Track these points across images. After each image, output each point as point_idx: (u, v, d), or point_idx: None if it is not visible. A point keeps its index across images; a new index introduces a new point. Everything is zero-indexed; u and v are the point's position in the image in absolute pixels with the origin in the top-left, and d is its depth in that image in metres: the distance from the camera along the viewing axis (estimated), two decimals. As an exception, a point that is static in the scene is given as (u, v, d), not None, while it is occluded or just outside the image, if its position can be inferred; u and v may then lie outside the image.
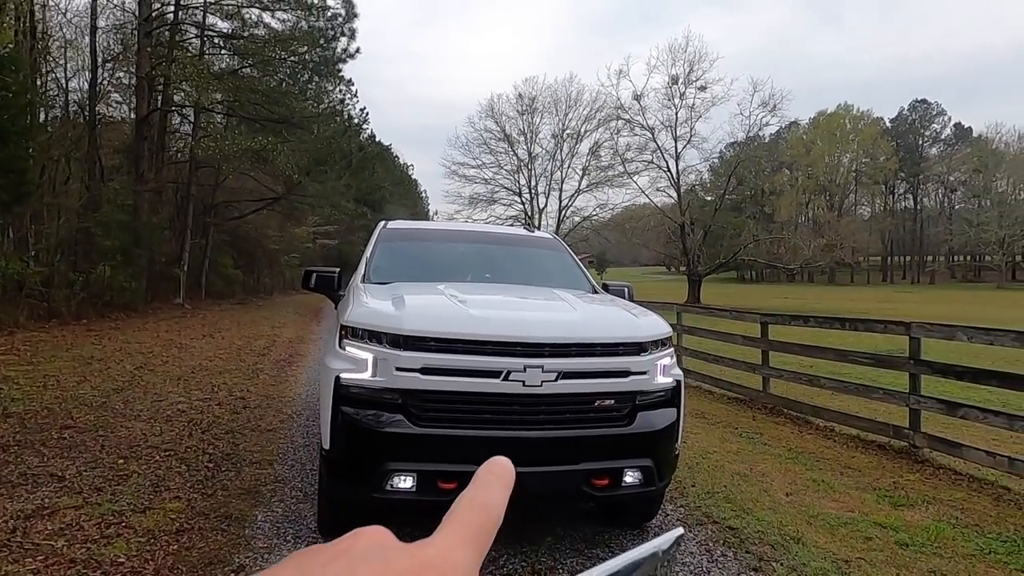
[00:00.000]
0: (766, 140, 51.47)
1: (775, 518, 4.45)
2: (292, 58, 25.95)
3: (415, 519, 3.73)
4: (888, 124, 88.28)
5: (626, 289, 5.14)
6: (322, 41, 26.72)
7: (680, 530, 0.49)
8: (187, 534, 3.82)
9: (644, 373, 3.56)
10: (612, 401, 3.50)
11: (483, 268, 5.03)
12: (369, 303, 3.77)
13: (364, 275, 4.57)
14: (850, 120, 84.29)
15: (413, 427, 3.24)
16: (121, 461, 5.16)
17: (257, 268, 35.97)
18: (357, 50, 27.94)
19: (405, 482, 3.24)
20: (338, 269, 4.75)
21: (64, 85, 24.33)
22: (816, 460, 6.10)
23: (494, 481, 0.42)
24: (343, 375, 3.35)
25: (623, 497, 3.65)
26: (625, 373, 3.50)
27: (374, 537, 0.37)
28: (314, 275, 4.72)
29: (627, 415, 3.54)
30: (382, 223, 5.47)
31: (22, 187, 14.70)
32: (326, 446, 3.38)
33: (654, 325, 3.84)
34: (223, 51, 26.57)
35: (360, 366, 3.33)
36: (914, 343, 6.33)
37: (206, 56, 25.64)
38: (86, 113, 22.94)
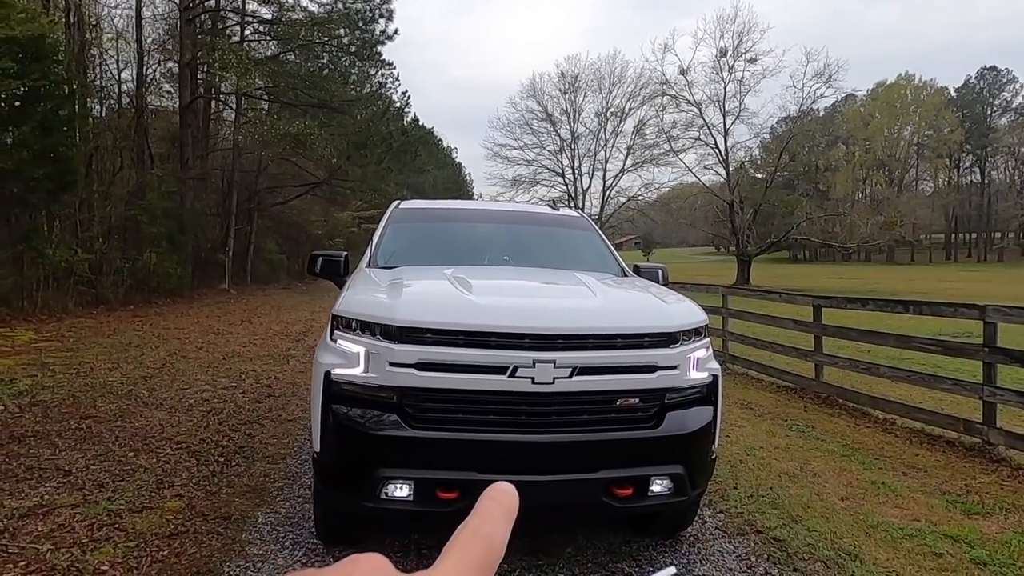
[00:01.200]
0: (820, 114, 49.34)
1: (828, 528, 3.95)
2: (331, 41, 25.86)
3: (419, 527, 3.36)
4: (953, 94, 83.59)
5: (660, 271, 4.65)
6: (360, 23, 26.54)
7: (673, 569, 0.49)
8: (180, 538, 3.57)
9: (674, 368, 3.11)
10: (637, 400, 3.07)
11: (501, 250, 4.63)
12: (363, 290, 3.42)
13: (370, 259, 4.23)
14: (911, 91, 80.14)
15: (409, 430, 2.88)
16: (131, 454, 4.99)
17: (302, 253, 36.36)
18: (395, 32, 27.68)
19: (401, 491, 2.89)
20: (345, 252, 4.41)
21: (117, 76, 24.87)
22: (875, 458, 5.53)
23: (497, 511, 0.41)
24: (333, 371, 3.01)
25: (650, 509, 3.22)
26: (652, 368, 3.06)
27: (372, 565, 0.37)
28: (320, 259, 4.39)
29: (654, 416, 3.10)
30: (395, 203, 5.12)
31: (67, 176, 14.94)
32: (316, 449, 3.06)
33: (686, 312, 3.37)
34: (264, 37, 26.66)
35: (351, 361, 2.98)
36: (990, 328, 5.66)
37: (247, 43, 25.78)
38: (134, 102, 23.35)
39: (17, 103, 13.40)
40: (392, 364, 2.88)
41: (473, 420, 2.92)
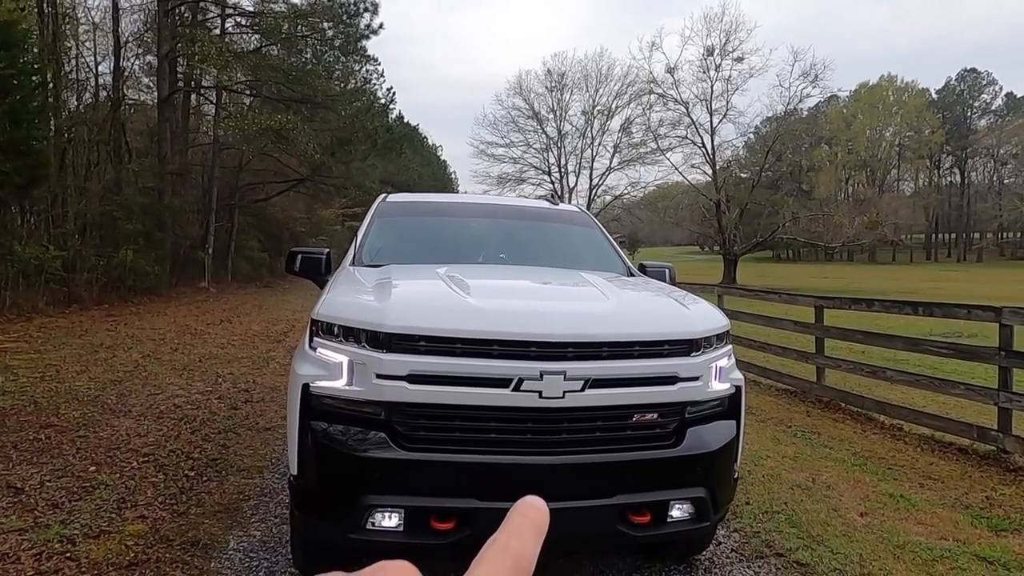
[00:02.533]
0: (805, 114, 49.39)
1: (853, 549, 3.65)
2: (314, 35, 25.31)
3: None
4: (934, 95, 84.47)
5: (667, 271, 4.32)
6: (344, 17, 26.02)
7: None
8: (140, 568, 3.18)
9: (696, 379, 2.78)
10: (655, 415, 2.74)
11: (497, 247, 4.27)
12: (347, 291, 3.05)
13: (355, 257, 3.86)
14: (893, 92, 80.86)
15: (399, 451, 2.53)
16: (92, 468, 4.58)
17: (284, 251, 35.62)
18: (380, 26, 27.19)
19: (389, 520, 2.53)
20: (327, 249, 4.04)
21: (94, 68, 24.15)
22: (888, 467, 5.26)
23: (527, 527, 0.40)
24: (313, 384, 2.64)
25: (670, 536, 2.89)
26: (672, 379, 2.73)
27: (401, 574, 0.35)
28: (299, 257, 4.01)
29: (674, 433, 2.77)
30: (381, 196, 4.74)
31: (38, 170, 14.35)
32: (293, 471, 2.69)
33: (708, 316, 3.05)
34: (246, 30, 26.05)
35: (333, 372, 2.62)
36: (1006, 331, 5.41)
37: (228, 36, 25.16)
38: (111, 95, 22.67)
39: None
40: (380, 376, 2.53)
41: (472, 440, 2.57)
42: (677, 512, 2.74)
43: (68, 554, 3.28)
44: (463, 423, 2.57)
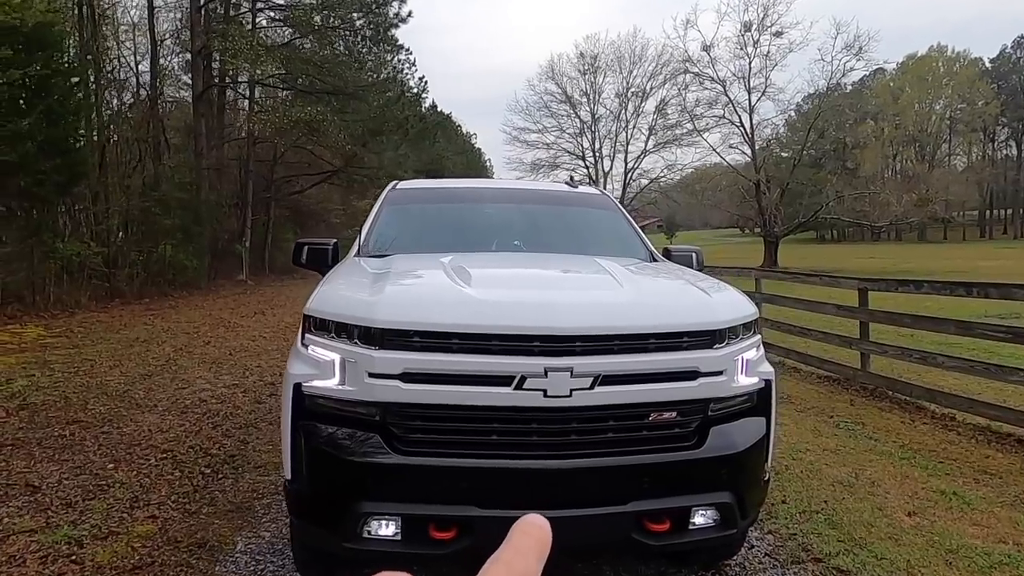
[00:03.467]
0: (849, 89, 47.56)
1: (900, 554, 3.36)
2: (344, 25, 25.33)
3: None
4: (988, 65, 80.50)
5: (694, 255, 4.04)
6: (373, 5, 25.97)
7: None
8: (143, 572, 3.10)
9: (720, 373, 2.53)
10: (674, 414, 2.50)
11: (512, 233, 4.06)
12: (341, 284, 2.88)
13: (360, 247, 3.69)
14: (944, 63, 77.41)
15: (394, 455, 2.35)
16: (111, 466, 4.55)
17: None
18: (409, 14, 27.12)
19: (386, 528, 2.37)
20: (335, 240, 3.88)
21: (134, 67, 24.65)
22: (939, 461, 4.90)
23: (530, 546, 0.39)
24: (304, 383, 2.49)
25: (692, 545, 2.66)
26: (692, 374, 2.49)
27: None
28: (305, 248, 3.87)
29: (695, 433, 2.53)
30: (392, 183, 4.56)
31: (77, 168, 14.66)
32: (287, 476, 2.55)
33: (733, 304, 2.79)
34: (278, 23, 26.21)
35: (324, 371, 2.46)
36: (1071, 313, 4.96)
37: (261, 30, 25.34)
38: (149, 93, 23.09)
39: (24, 94, 13.08)
40: (372, 375, 2.35)
41: (472, 443, 2.38)
42: (700, 519, 2.51)
43: (74, 557, 3.22)
44: (462, 425, 2.38)
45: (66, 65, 14.94)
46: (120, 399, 6.47)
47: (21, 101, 12.81)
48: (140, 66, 24.24)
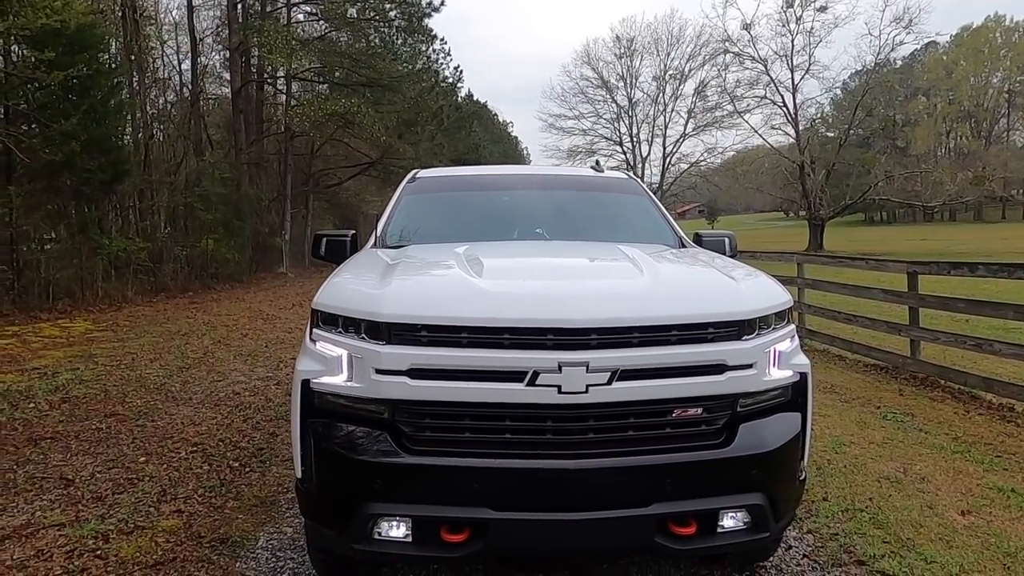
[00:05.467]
0: (898, 64, 45.66)
1: (951, 557, 3.13)
2: (376, 17, 25.38)
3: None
4: (1050, 34, 76.22)
5: (726, 240, 3.83)
6: (405, -6, 25.95)
7: None
8: (165, 568, 3.09)
9: (749, 367, 2.36)
10: (699, 410, 2.34)
11: (534, 221, 3.92)
12: (351, 277, 2.79)
13: (377, 238, 3.61)
14: (1002, 33, 73.71)
15: (404, 455, 2.26)
16: (142, 459, 4.60)
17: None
18: (442, 2, 26.96)
19: (397, 530, 2.28)
20: (352, 232, 3.81)
21: (177, 66, 25.23)
22: (996, 455, 4.60)
23: None
24: (313, 380, 2.41)
25: (721, 549, 2.50)
26: (719, 368, 2.33)
27: None
28: (324, 240, 3.81)
29: (723, 430, 2.37)
30: (411, 172, 4.46)
31: (120, 166, 15.03)
32: (298, 475, 2.48)
33: (764, 292, 2.61)
34: (313, 17, 26.42)
35: (332, 367, 2.37)
36: None
37: (296, 24, 25.58)
38: (190, 90, 23.58)
39: (71, 95, 13.44)
40: (379, 371, 2.25)
41: (483, 442, 2.26)
42: (730, 521, 2.35)
43: (99, 552, 3.24)
44: (473, 423, 2.26)
45: (108, 65, 15.30)
46: (157, 392, 6.58)
47: (66, 102, 13.16)
48: (182, 64, 24.81)
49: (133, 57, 19.05)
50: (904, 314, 7.22)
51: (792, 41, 35.44)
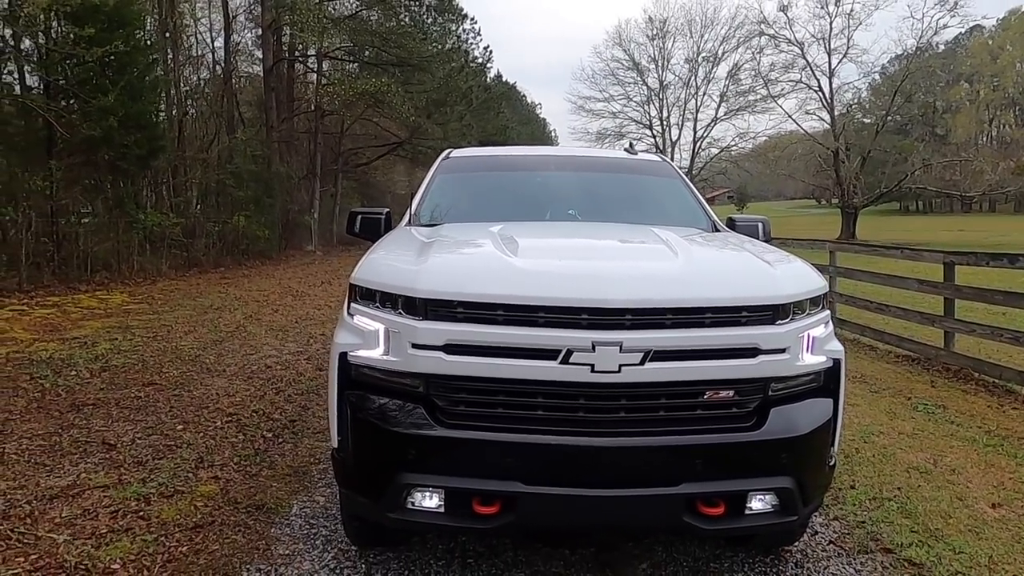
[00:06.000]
0: (941, 48, 44.26)
1: (980, 548, 3.11)
2: (407, -6, 25.30)
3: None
4: (1104, 18, 73.12)
5: (760, 224, 3.81)
6: (437, -26, 25.82)
7: None
8: (204, 531, 3.21)
9: (782, 351, 2.37)
10: (731, 393, 2.36)
11: (567, 202, 3.93)
12: (388, 253, 2.84)
13: (412, 216, 3.65)
14: (1052, 17, 70.79)
15: (438, 428, 2.31)
16: (180, 427, 4.75)
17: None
18: (473, -21, 26.77)
19: (430, 500, 2.35)
20: (387, 210, 3.86)
21: (211, 44, 25.48)
22: (1030, 449, 4.53)
23: None
24: (350, 353, 2.47)
25: (748, 531, 2.53)
26: (752, 352, 2.34)
27: None
28: (359, 218, 3.86)
29: (754, 413, 2.38)
30: (445, 152, 4.49)
31: (156, 142, 15.30)
32: (334, 444, 2.56)
33: (799, 277, 2.60)
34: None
35: (369, 341, 2.43)
36: None
37: (328, 2, 25.62)
38: (224, 68, 23.83)
39: (108, 71, 13.68)
40: (415, 346, 2.31)
41: (516, 417, 2.31)
42: (758, 504, 2.38)
43: (141, 513, 3.37)
44: (506, 399, 2.31)
45: (145, 43, 15.52)
46: (192, 363, 6.75)
47: (103, 78, 13.40)
48: (215, 42, 25.03)
49: (168, 34, 19.32)
50: (938, 305, 7.09)
51: (831, 24, 34.57)
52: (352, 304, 2.57)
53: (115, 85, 13.19)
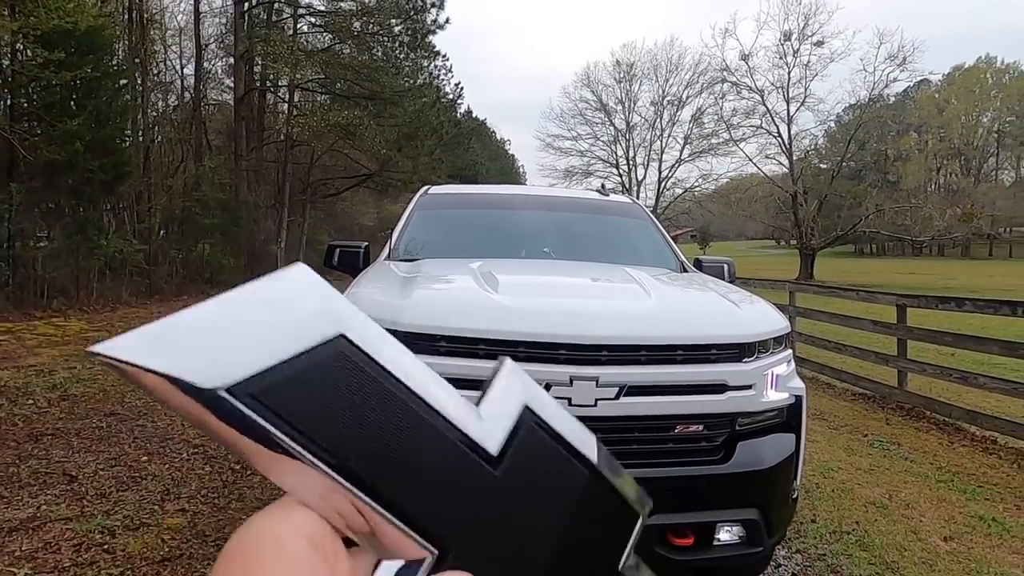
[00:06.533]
0: (891, 100, 46.58)
1: (933, 580, 3.25)
2: (383, 31, 25.69)
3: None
4: (1039, 77, 77.93)
5: (725, 266, 3.99)
6: (411, 12, 26.29)
7: None
8: (172, 564, 3.16)
9: (748, 387, 2.49)
10: (700, 427, 2.47)
11: (541, 240, 4.06)
12: (370, 287, 2.91)
13: (391, 250, 3.73)
14: (992, 74, 75.31)
15: (418, 458, 2.36)
16: (144, 458, 4.66)
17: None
18: (447, 21, 27.40)
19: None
20: (366, 244, 3.94)
21: (179, 71, 25.41)
22: (979, 485, 4.74)
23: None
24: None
25: (717, 561, 2.62)
26: (721, 388, 2.45)
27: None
28: (337, 251, 3.93)
29: (722, 447, 2.49)
30: (424, 188, 4.61)
31: (122, 168, 15.10)
32: (312, 475, 2.57)
33: (763, 317, 2.75)
34: (318, 29, 26.69)
35: (351, 372, 2.48)
36: (1123, 336, 4.77)
37: (302, 35, 25.86)
38: (193, 96, 23.74)
39: (75, 95, 13.54)
40: (398, 379, 2.36)
41: (496, 449, 2.37)
42: (725, 535, 2.47)
43: (106, 546, 3.30)
44: (486, 431, 2.37)
45: (114, 68, 15.43)
46: (155, 393, 6.62)
47: (71, 102, 13.26)
48: (185, 69, 24.98)
49: (138, 60, 19.23)
50: (892, 345, 7.39)
51: (789, 73, 36.14)
52: (335, 336, 2.61)
53: (82, 109, 13.07)
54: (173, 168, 21.06)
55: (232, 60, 24.65)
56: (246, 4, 23.26)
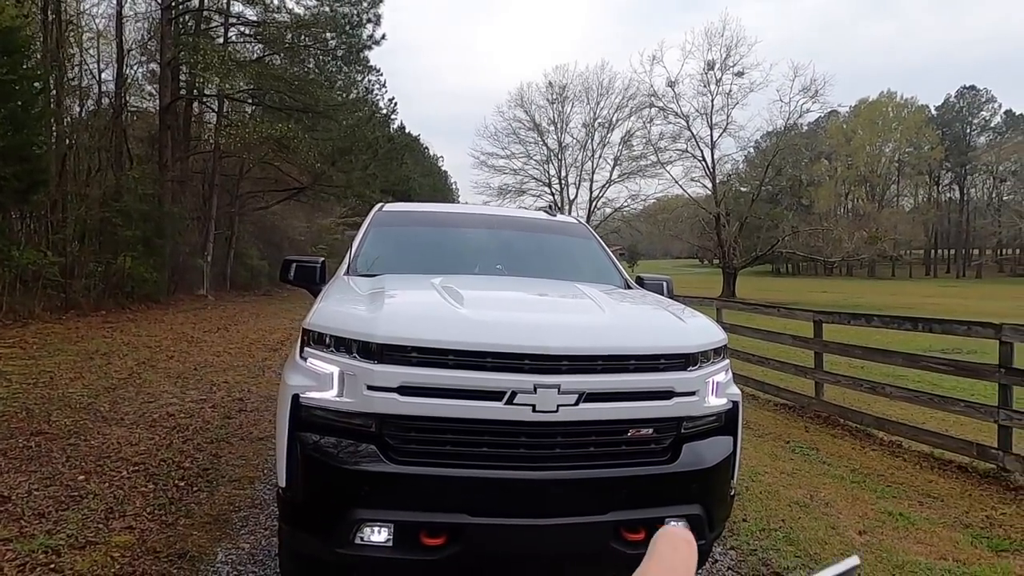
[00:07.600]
0: (804, 129, 49.54)
1: (851, 568, 3.59)
2: (317, 45, 25.44)
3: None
4: (933, 112, 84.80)
5: (665, 283, 4.29)
6: (347, 27, 26.15)
7: (856, 560, 0.45)
8: (125, 581, 3.12)
9: (692, 394, 2.74)
10: (650, 430, 2.69)
11: (493, 258, 4.24)
12: (339, 301, 3.01)
13: (349, 266, 3.82)
14: (893, 108, 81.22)
15: (389, 464, 2.48)
16: (82, 477, 4.52)
17: (283, 259, 35.67)
18: (383, 37, 27.35)
19: (379, 535, 2.48)
20: (322, 259, 4.01)
21: (97, 76, 24.25)
22: (887, 485, 5.20)
23: (679, 567, 0.36)
24: (303, 394, 2.60)
25: (664, 554, 2.83)
26: (668, 394, 2.69)
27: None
28: (294, 265, 3.99)
29: (669, 448, 2.72)
30: (378, 205, 4.72)
31: (37, 175, 14.35)
32: (281, 484, 2.64)
33: (705, 331, 3.01)
34: (249, 39, 26.15)
35: (323, 383, 2.58)
36: (1006, 348, 5.37)
37: (232, 45, 25.26)
38: (112, 102, 22.73)
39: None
40: (371, 387, 2.48)
41: (464, 454, 2.52)
42: (672, 530, 2.69)
43: (52, 565, 3.23)
44: (455, 436, 2.52)
45: (30, 71, 14.68)
46: (84, 411, 6.38)
47: (-16, 106, 12.56)
48: (103, 74, 23.89)
49: (55, 63, 18.32)
50: (810, 358, 7.95)
51: (712, 101, 37.94)
52: (306, 348, 2.70)
53: (-3, 114, 12.39)
54: (91, 177, 20.07)
55: (155, 66, 23.82)
56: (173, 11, 22.58)
